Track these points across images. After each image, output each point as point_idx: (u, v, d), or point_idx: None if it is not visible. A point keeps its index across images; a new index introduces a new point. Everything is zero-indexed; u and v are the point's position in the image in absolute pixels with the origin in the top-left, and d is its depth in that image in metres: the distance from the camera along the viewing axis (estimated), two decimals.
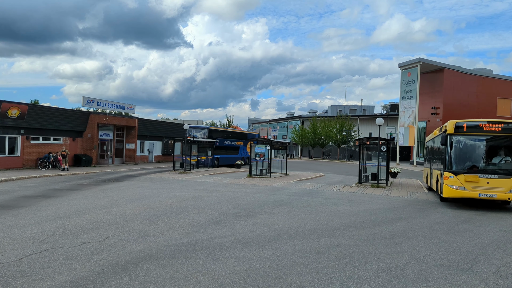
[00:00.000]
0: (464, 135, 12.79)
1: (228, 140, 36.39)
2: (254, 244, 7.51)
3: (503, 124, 12.45)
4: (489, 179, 12.18)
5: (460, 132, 12.77)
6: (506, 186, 12.10)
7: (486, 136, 12.58)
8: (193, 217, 10.07)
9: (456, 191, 12.49)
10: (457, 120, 13.12)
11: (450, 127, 12.88)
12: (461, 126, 12.76)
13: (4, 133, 23.44)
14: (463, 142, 12.90)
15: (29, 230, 8.17)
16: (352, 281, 5.60)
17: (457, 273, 6.06)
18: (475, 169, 12.47)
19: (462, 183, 12.41)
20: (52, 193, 14.25)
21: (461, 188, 12.41)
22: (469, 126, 12.73)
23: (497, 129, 12.42)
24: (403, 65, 46.80)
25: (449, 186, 12.66)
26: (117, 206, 11.43)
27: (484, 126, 12.54)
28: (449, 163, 12.81)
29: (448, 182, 12.68)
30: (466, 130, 12.71)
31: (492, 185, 12.13)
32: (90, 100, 30.38)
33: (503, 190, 12.07)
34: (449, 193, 12.70)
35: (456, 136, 12.83)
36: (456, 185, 12.49)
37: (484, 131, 12.51)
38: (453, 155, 12.84)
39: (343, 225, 9.65)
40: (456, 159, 12.81)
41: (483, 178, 12.22)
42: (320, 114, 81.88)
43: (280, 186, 18.63)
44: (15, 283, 5.16)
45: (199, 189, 16.58)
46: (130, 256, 6.49)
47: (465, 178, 12.38)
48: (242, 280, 5.51)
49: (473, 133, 12.68)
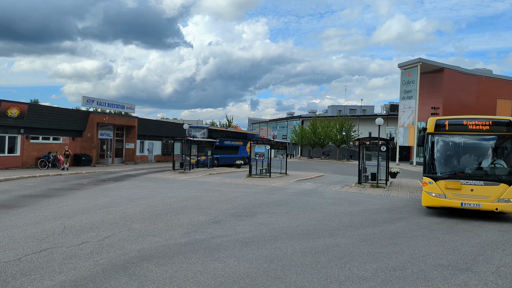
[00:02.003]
0: (446, 134, 11.21)
1: (228, 140, 36.39)
2: (253, 244, 7.52)
3: (491, 122, 10.71)
4: (473, 186, 10.46)
5: (442, 131, 11.18)
6: (493, 194, 10.31)
7: (472, 136, 10.91)
8: (192, 216, 10.08)
9: (436, 199, 10.91)
10: (438, 117, 11.61)
11: (430, 125, 11.29)
12: (443, 124, 11.14)
13: (4, 132, 23.44)
14: (444, 143, 11.35)
15: (28, 229, 8.17)
16: (352, 281, 5.61)
17: (456, 273, 6.07)
18: (458, 174, 10.85)
19: (442, 190, 10.80)
20: (51, 193, 14.25)
21: (441, 196, 10.81)
22: (452, 124, 11.10)
23: (484, 127, 10.69)
24: (403, 65, 46.83)
25: (428, 194, 11.08)
26: (117, 206, 11.44)
27: (469, 124, 10.83)
28: (428, 167, 11.24)
29: (427, 189, 11.11)
30: (448, 128, 11.09)
31: (476, 193, 10.42)
32: (90, 99, 30.37)
33: (490, 199, 10.33)
34: (428, 202, 11.14)
35: (437, 136, 11.26)
36: (435, 192, 10.91)
37: (469, 129, 10.82)
38: (432, 157, 11.29)
39: (343, 225, 9.66)
40: (436, 163, 11.29)
41: (466, 185, 10.53)
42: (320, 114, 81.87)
43: (279, 186, 18.64)
44: (14, 282, 5.16)
45: (199, 188, 16.58)
46: (130, 255, 6.50)
47: (445, 184, 10.74)
48: (241, 279, 5.52)
49: (457, 132, 11.06)
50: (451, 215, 11.40)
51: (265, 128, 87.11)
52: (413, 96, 44.51)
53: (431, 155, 11.31)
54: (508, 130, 10.53)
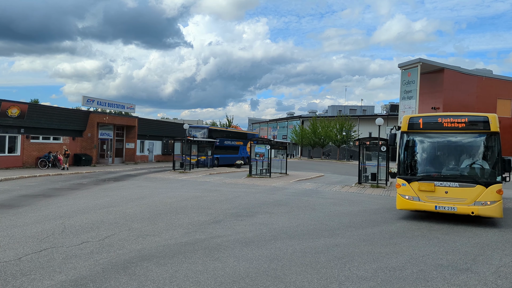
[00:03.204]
0: (420, 133, 10.57)
1: (228, 140, 36.39)
2: (253, 243, 7.52)
3: (466, 119, 10.00)
4: (448, 187, 9.81)
5: (416, 130, 10.57)
6: (469, 196, 9.62)
7: (447, 134, 10.28)
8: (192, 216, 10.08)
9: (409, 202, 10.26)
10: (412, 115, 10.99)
11: (404, 123, 10.72)
12: (417, 122, 10.54)
13: (4, 132, 23.45)
14: (418, 142, 10.70)
15: (28, 229, 8.18)
16: (351, 281, 5.61)
17: (456, 273, 6.08)
18: (432, 176, 10.23)
19: (416, 192, 10.17)
20: (52, 192, 14.26)
21: (414, 199, 10.18)
22: (426, 122, 10.47)
23: (459, 125, 10.00)
24: (403, 65, 46.78)
25: (401, 196, 10.43)
26: (117, 206, 11.44)
27: (444, 121, 10.17)
28: (402, 167, 10.64)
29: (401, 191, 10.47)
30: (422, 127, 10.47)
31: (451, 195, 9.79)
32: (90, 99, 30.39)
33: (466, 201, 9.65)
34: (402, 205, 10.45)
35: (411, 135, 10.65)
36: (409, 194, 10.27)
37: (444, 127, 10.17)
38: (406, 158, 10.71)
39: (343, 225, 9.66)
40: (410, 163, 10.73)
41: (440, 187, 9.88)
42: (320, 114, 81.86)
43: (279, 186, 18.64)
44: (14, 282, 5.17)
45: (199, 188, 16.58)
46: (130, 255, 6.51)
47: (419, 186, 10.10)
48: (241, 279, 5.52)
49: (431, 131, 10.43)
50: (451, 215, 11.40)
51: (265, 128, 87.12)
52: (413, 96, 44.45)
53: (405, 155, 10.74)
54: (485, 127, 9.84)
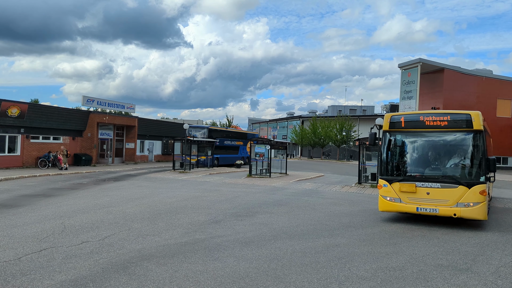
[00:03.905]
0: (402, 131, 10.24)
1: (228, 140, 36.39)
2: (253, 243, 7.52)
3: (449, 117, 9.62)
4: (429, 188, 9.47)
5: (397, 128, 10.24)
6: (452, 198, 9.25)
7: (429, 133, 9.92)
8: (192, 216, 10.08)
9: (391, 203, 9.95)
10: (393, 113, 10.67)
11: (385, 122, 10.37)
12: (398, 121, 10.22)
13: (4, 132, 23.44)
14: (400, 141, 10.34)
15: (28, 229, 8.18)
16: (351, 281, 5.61)
17: (456, 273, 6.07)
18: (413, 176, 9.92)
19: (397, 193, 9.84)
20: (52, 192, 14.26)
21: (396, 200, 9.86)
22: (408, 120, 10.14)
23: (442, 123, 9.64)
24: (403, 66, 46.80)
25: (382, 198, 10.14)
26: (117, 206, 11.44)
27: (426, 119, 9.81)
28: (383, 168, 10.36)
29: (382, 192, 10.17)
30: (404, 125, 10.14)
31: (433, 197, 9.43)
32: (90, 99, 30.38)
33: (448, 203, 9.28)
34: (383, 206, 10.18)
35: (392, 133, 10.30)
36: (390, 196, 9.97)
37: (427, 126, 9.82)
38: (387, 157, 10.35)
39: (343, 225, 9.66)
40: (391, 163, 10.38)
41: (422, 188, 9.55)
42: (320, 114, 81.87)
43: (279, 186, 18.64)
44: (14, 281, 5.17)
45: (199, 188, 16.58)
46: (130, 255, 6.50)
47: (399, 187, 9.78)
48: (241, 279, 5.52)
49: (413, 129, 10.09)
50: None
51: (265, 128, 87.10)
52: (413, 96, 44.47)
53: (386, 154, 10.36)
54: (467, 125, 9.40)
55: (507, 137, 41.07)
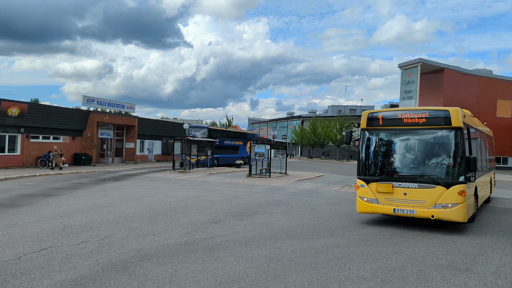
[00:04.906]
0: (379, 129, 9.90)
1: (228, 139, 36.39)
2: (253, 243, 7.52)
3: (427, 114, 9.22)
4: (406, 189, 9.11)
5: (375, 126, 9.88)
6: (429, 198, 8.88)
7: (407, 131, 9.52)
8: (192, 216, 10.08)
9: (368, 204, 9.63)
10: (371, 110, 10.26)
11: (363, 119, 10.03)
12: (376, 118, 9.83)
13: (4, 131, 23.45)
14: (377, 139, 10.02)
15: (28, 228, 8.18)
16: (351, 281, 5.61)
17: (456, 273, 6.07)
18: (390, 176, 9.56)
19: (374, 194, 9.51)
20: (52, 192, 14.26)
21: (373, 201, 9.54)
22: (386, 117, 9.74)
23: (420, 121, 9.26)
24: (403, 65, 46.81)
25: (360, 198, 9.83)
26: (117, 205, 11.44)
27: (404, 117, 9.44)
28: (361, 167, 9.96)
29: (359, 193, 9.84)
30: (382, 123, 9.76)
31: (410, 197, 9.07)
32: (90, 99, 30.38)
33: (425, 204, 8.91)
34: (361, 208, 9.85)
35: (370, 132, 9.98)
36: (367, 196, 9.64)
37: (405, 123, 9.43)
38: (365, 157, 10.02)
39: (342, 225, 9.66)
40: (368, 163, 10.04)
41: (399, 188, 9.20)
42: (320, 114, 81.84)
43: (279, 186, 18.64)
44: (14, 281, 5.17)
45: (199, 188, 16.58)
46: (130, 255, 6.50)
47: (376, 187, 9.45)
48: (241, 279, 5.52)
49: (391, 127, 9.71)
50: None
51: (265, 128, 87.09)
52: (413, 96, 44.46)
53: (364, 153, 10.05)
54: (446, 123, 9.01)
55: (507, 137, 41.06)
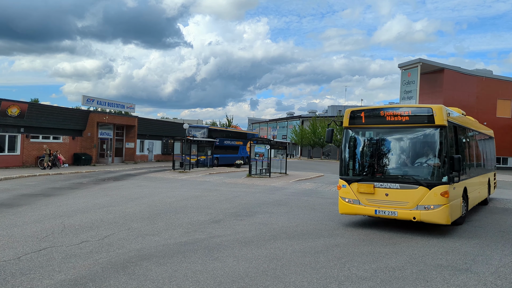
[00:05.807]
0: (362, 128, 9.63)
1: (228, 139, 36.39)
2: (253, 243, 7.52)
3: (410, 111, 8.90)
4: (388, 189, 8.81)
5: (358, 124, 9.58)
6: (411, 199, 8.58)
7: (390, 129, 9.23)
8: (192, 216, 10.08)
9: (350, 205, 9.36)
10: (354, 108, 9.94)
11: (345, 117, 9.73)
12: (359, 116, 9.54)
13: (4, 131, 23.45)
14: (360, 138, 9.73)
15: (28, 228, 8.18)
16: (351, 280, 5.61)
17: (456, 274, 6.07)
18: (372, 176, 9.28)
19: (355, 195, 9.26)
20: (51, 192, 14.26)
21: (355, 202, 9.27)
22: (368, 115, 9.45)
23: (403, 119, 8.93)
24: (403, 66, 46.82)
25: (342, 199, 9.56)
26: (117, 205, 11.44)
27: (386, 114, 9.11)
28: (343, 167, 9.68)
29: (341, 193, 9.56)
30: (365, 121, 9.47)
31: (392, 198, 8.78)
32: (90, 99, 30.39)
33: (407, 205, 8.62)
34: (343, 209, 9.58)
35: (352, 130, 9.68)
36: (349, 197, 9.37)
37: (387, 121, 9.11)
38: (346, 156, 9.74)
39: (342, 225, 9.66)
40: (350, 162, 9.79)
41: (380, 188, 8.90)
42: (320, 114, 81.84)
43: (279, 186, 18.64)
44: (14, 281, 5.17)
45: (199, 188, 16.59)
46: (129, 255, 6.50)
47: (358, 188, 9.18)
48: (241, 279, 5.52)
49: (374, 125, 9.42)
50: None
51: (265, 128, 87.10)
52: (413, 96, 44.47)
53: (347, 153, 9.77)
54: (429, 121, 8.69)
55: (507, 137, 41.06)
